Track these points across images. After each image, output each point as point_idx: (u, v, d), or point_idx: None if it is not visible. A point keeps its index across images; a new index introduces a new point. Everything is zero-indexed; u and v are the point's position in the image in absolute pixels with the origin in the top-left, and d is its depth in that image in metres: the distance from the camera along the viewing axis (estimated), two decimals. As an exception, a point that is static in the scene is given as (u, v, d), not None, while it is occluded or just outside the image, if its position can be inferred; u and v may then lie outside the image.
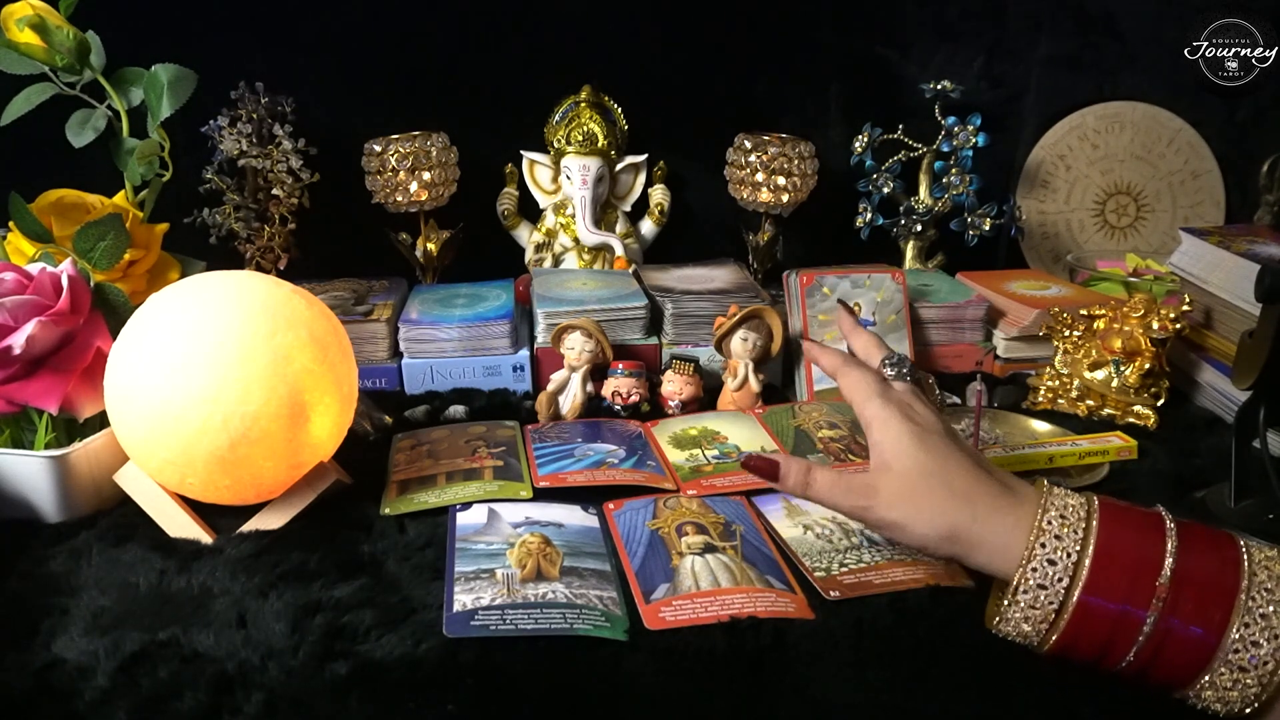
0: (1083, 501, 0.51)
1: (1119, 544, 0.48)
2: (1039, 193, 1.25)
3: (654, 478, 0.74)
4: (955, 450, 0.55)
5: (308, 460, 0.66)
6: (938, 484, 0.53)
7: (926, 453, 0.54)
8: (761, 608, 0.57)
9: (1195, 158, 1.24)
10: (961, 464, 0.54)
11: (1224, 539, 0.49)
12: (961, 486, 0.53)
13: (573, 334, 0.88)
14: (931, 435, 0.55)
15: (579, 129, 1.12)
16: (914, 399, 0.59)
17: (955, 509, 0.52)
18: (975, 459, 0.55)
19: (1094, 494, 0.52)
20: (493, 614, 0.55)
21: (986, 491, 0.53)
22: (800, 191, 1.11)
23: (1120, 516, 0.50)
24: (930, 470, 0.54)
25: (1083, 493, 0.52)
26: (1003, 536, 0.51)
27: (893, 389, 0.59)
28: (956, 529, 0.52)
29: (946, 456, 0.54)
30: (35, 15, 0.79)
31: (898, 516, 0.54)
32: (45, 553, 0.63)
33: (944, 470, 0.54)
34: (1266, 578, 0.46)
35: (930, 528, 0.53)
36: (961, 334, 0.99)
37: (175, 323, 0.63)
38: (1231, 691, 0.46)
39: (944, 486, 0.53)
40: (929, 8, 1.20)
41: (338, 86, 1.13)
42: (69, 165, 0.85)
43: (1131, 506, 0.51)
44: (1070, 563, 0.48)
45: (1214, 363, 0.90)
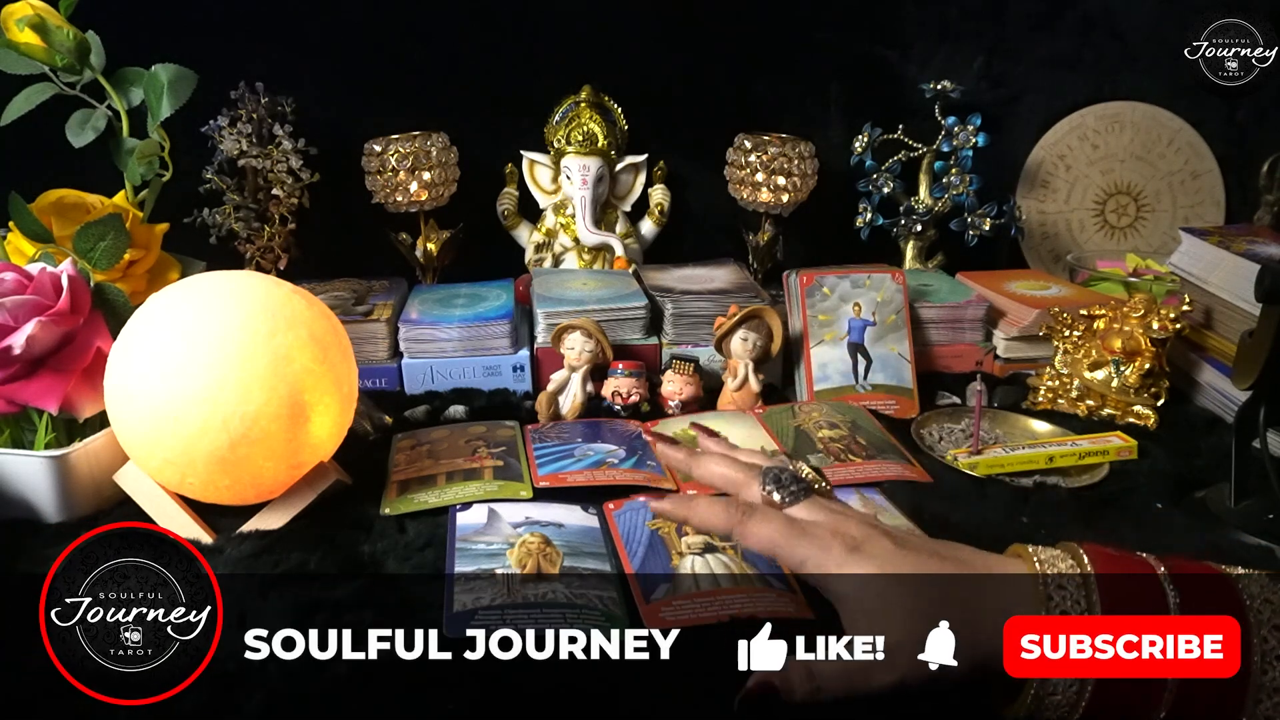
0: (1073, 562, 0.47)
1: (1124, 600, 0.46)
2: (1039, 193, 1.25)
3: (654, 478, 0.74)
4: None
5: (308, 460, 0.66)
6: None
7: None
8: (761, 608, 0.57)
9: (1195, 158, 1.24)
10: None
11: (1208, 570, 0.47)
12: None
13: (573, 334, 0.88)
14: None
15: (579, 129, 1.12)
16: (832, 518, 0.50)
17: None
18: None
19: (1078, 547, 0.48)
20: (493, 614, 0.55)
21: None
22: (800, 191, 1.11)
23: (1113, 564, 0.47)
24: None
25: (1065, 547, 0.48)
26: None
27: (801, 524, 0.50)
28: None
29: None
30: (35, 15, 0.79)
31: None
32: (45, 553, 0.63)
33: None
34: (1271, 614, 0.45)
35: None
36: (961, 334, 0.99)
37: (175, 323, 0.63)
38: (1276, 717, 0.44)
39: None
40: (929, 8, 1.19)
41: (338, 86, 1.13)
42: (69, 165, 0.85)
43: (1120, 554, 0.48)
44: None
45: (1214, 363, 0.90)
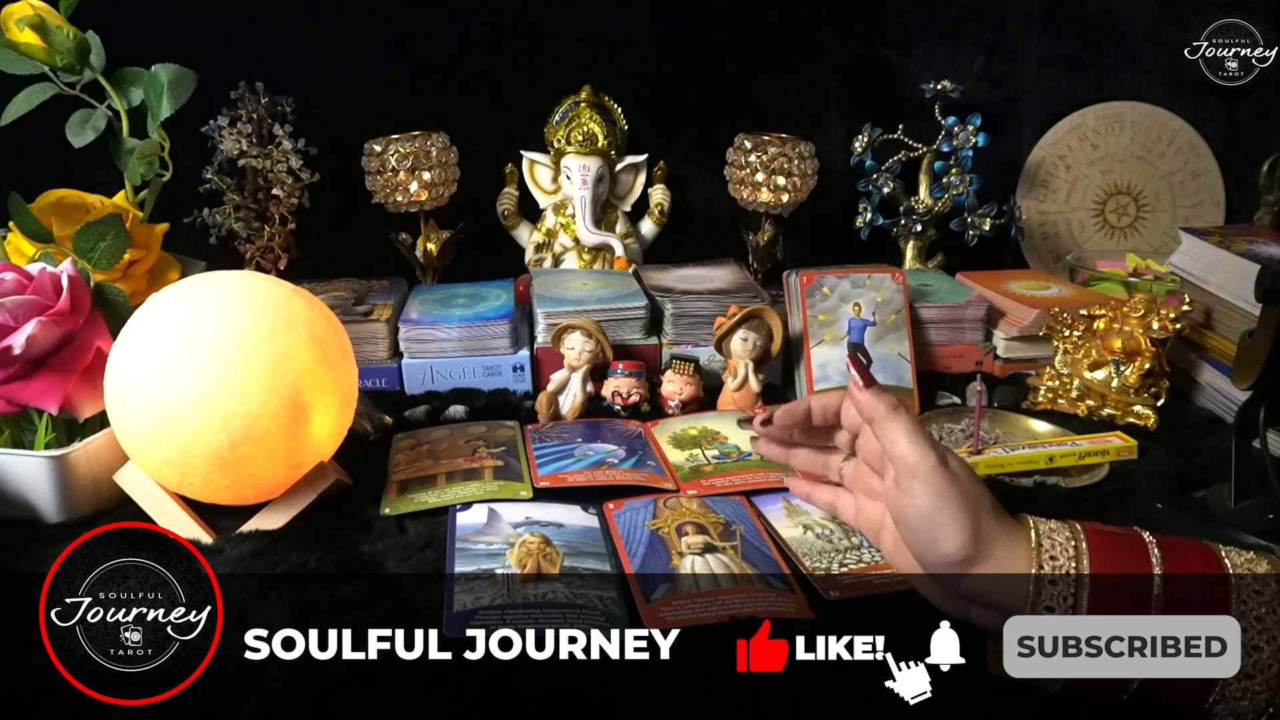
0: (1069, 533, 0.50)
1: (1112, 574, 0.48)
2: (1039, 193, 1.25)
3: (654, 478, 0.74)
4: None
5: (308, 460, 0.66)
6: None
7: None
8: (761, 608, 0.57)
9: (1195, 158, 1.24)
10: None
11: (1203, 549, 0.48)
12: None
13: (573, 334, 0.88)
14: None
15: (579, 129, 1.12)
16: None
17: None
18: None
19: (1075, 522, 0.51)
20: (493, 614, 0.55)
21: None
22: (800, 191, 1.11)
23: (1107, 541, 0.49)
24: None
25: (1064, 521, 0.51)
26: (1006, 566, 0.50)
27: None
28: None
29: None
30: (35, 15, 0.79)
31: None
32: (45, 553, 0.63)
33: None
34: (1252, 579, 0.46)
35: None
36: (961, 334, 0.99)
37: (175, 323, 0.63)
38: (1242, 701, 0.45)
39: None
40: (929, 8, 1.20)
41: (338, 86, 1.13)
42: (69, 165, 0.85)
43: (1113, 529, 0.50)
44: (1070, 591, 0.48)
45: (1214, 363, 0.90)
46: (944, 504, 0.51)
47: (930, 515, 0.51)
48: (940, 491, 0.51)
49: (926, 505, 0.51)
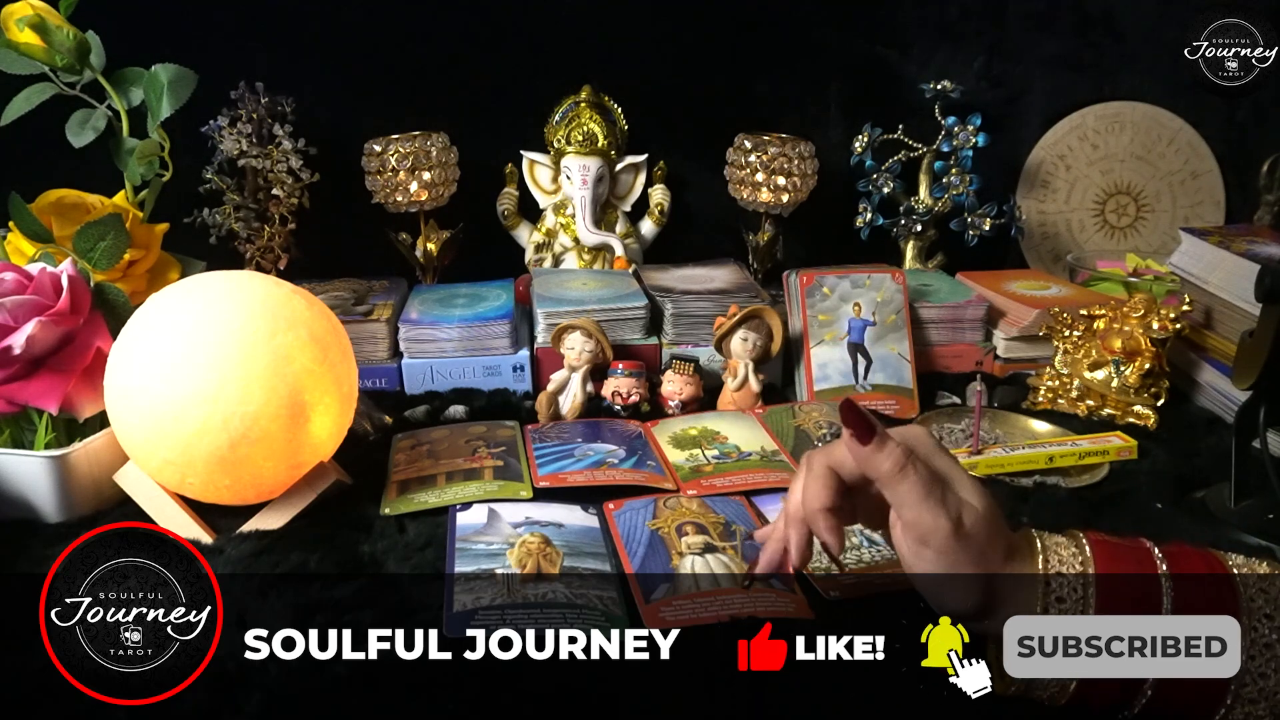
0: (1075, 549, 0.49)
1: (1120, 586, 0.47)
2: (1039, 193, 1.25)
3: (654, 478, 0.74)
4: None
5: (308, 460, 0.66)
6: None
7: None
8: (761, 608, 0.57)
9: (1195, 158, 1.24)
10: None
11: (1204, 554, 0.48)
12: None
13: (573, 334, 0.88)
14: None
15: (579, 129, 1.12)
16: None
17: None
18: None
19: (1079, 533, 0.50)
20: (493, 614, 0.55)
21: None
22: (800, 191, 1.11)
23: (1113, 552, 0.48)
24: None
25: (1069, 534, 0.50)
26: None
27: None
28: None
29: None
30: (35, 15, 0.79)
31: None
32: (45, 553, 0.63)
33: None
34: (1264, 603, 0.45)
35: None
36: (961, 334, 0.99)
37: (175, 323, 0.63)
38: (1260, 705, 0.45)
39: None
40: (929, 8, 1.20)
41: (338, 86, 1.13)
42: (69, 165, 0.85)
43: (1120, 541, 0.50)
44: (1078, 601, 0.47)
45: (1214, 363, 0.90)
46: (957, 568, 0.49)
47: (942, 580, 0.50)
48: (953, 560, 0.49)
49: (939, 569, 0.50)
